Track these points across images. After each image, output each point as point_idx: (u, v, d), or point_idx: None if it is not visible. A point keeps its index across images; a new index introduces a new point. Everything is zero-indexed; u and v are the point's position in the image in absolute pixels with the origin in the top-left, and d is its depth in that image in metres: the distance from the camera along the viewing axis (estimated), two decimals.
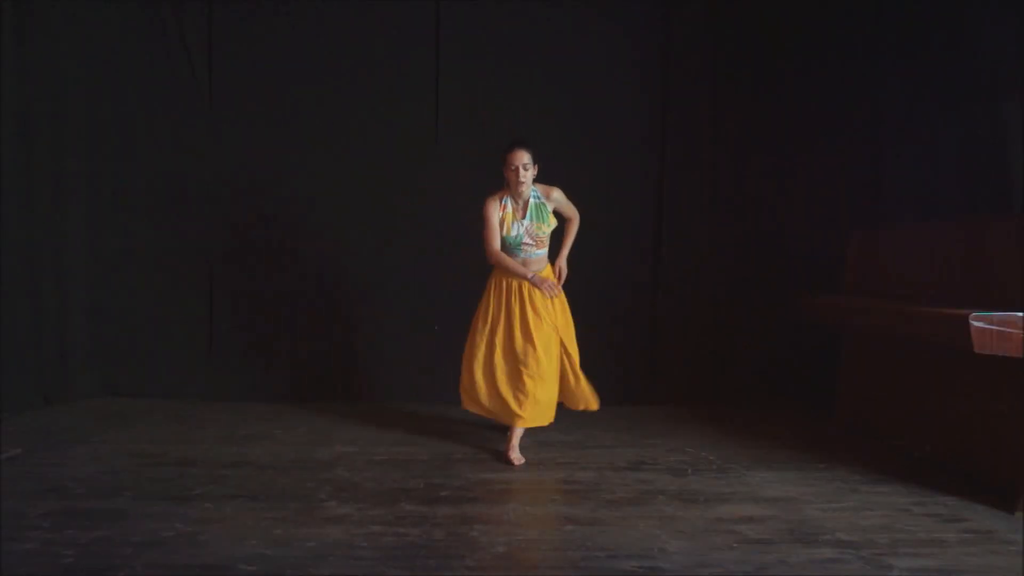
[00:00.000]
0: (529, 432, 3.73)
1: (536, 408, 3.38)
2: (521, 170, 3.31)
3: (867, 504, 2.73)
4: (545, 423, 3.48)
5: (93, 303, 4.52)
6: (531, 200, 3.42)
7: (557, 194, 3.49)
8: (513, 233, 3.40)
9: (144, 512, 2.52)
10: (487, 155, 4.55)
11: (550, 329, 3.44)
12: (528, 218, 3.41)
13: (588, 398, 3.60)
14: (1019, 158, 3.30)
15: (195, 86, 4.50)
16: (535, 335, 3.39)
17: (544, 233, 3.46)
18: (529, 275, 3.42)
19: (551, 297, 3.44)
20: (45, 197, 4.29)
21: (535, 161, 3.38)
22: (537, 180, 3.44)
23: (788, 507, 2.69)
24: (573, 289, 4.51)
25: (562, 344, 3.51)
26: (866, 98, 4.43)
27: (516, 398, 3.37)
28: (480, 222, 3.42)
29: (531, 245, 3.43)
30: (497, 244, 3.41)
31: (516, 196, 3.41)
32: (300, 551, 2.22)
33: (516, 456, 3.28)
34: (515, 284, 3.46)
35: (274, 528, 2.40)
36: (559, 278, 3.60)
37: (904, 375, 3.47)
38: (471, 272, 4.58)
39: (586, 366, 4.55)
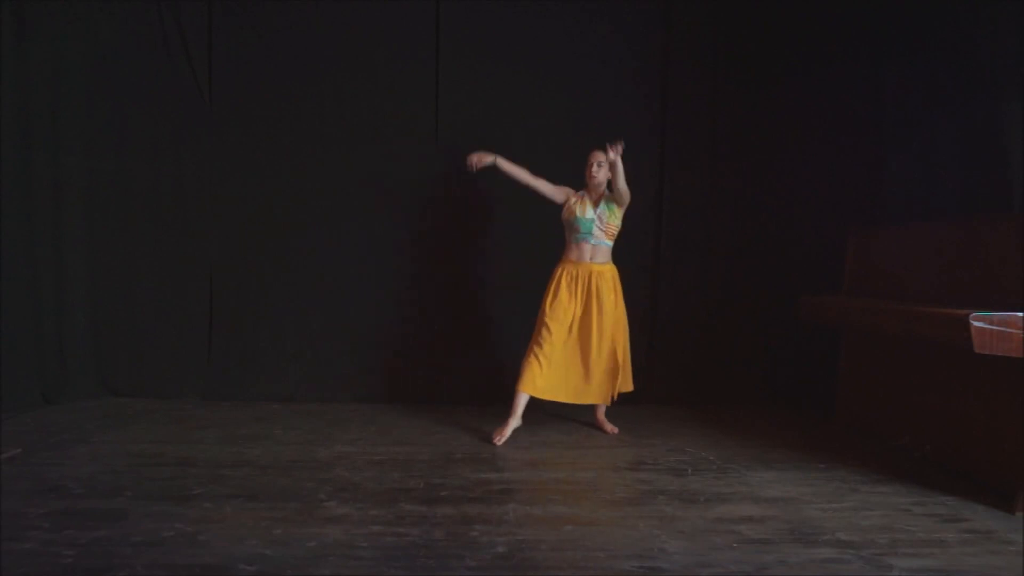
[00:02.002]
0: (530, 432, 3.75)
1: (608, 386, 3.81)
2: (595, 167, 3.76)
3: (867, 504, 2.74)
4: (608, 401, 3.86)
5: (93, 303, 4.51)
6: (604, 197, 3.79)
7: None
8: (587, 216, 3.75)
9: (144, 512, 2.52)
10: None
11: (609, 320, 3.75)
12: (601, 208, 3.76)
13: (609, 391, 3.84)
14: (1019, 158, 3.30)
15: (195, 86, 4.50)
16: (603, 325, 3.73)
17: (613, 222, 3.76)
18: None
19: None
20: (45, 197, 4.29)
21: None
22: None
23: (788, 507, 2.69)
24: None
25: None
26: (866, 98, 4.43)
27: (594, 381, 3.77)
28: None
29: (602, 232, 3.75)
30: (548, 183, 3.85)
31: (590, 190, 3.81)
32: (300, 551, 2.22)
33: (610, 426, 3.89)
34: (583, 274, 3.75)
35: (274, 528, 2.40)
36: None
37: (904, 375, 3.47)
38: (471, 271, 4.60)
39: None
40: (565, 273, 3.77)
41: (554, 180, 3.91)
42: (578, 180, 4.33)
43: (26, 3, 4.11)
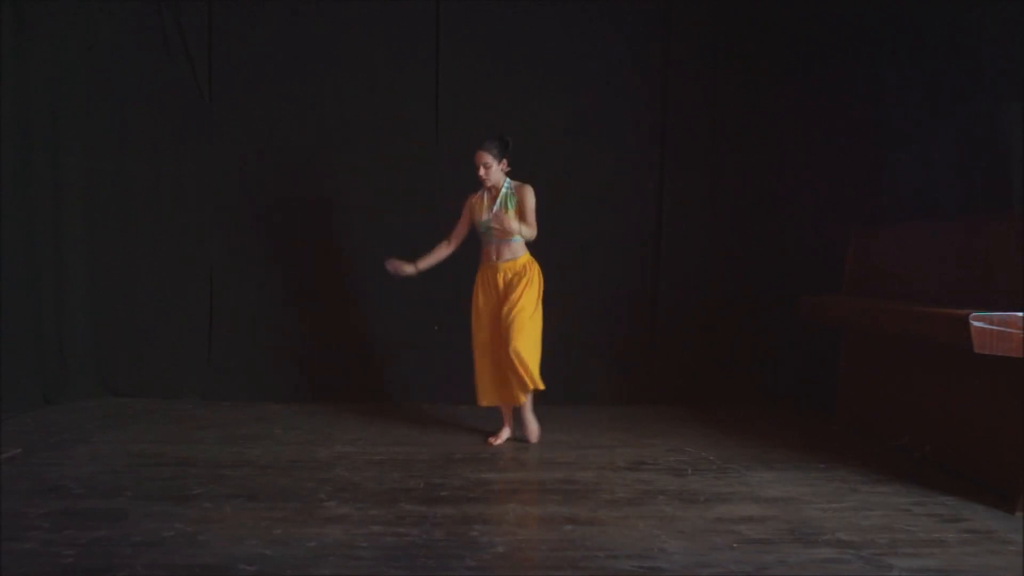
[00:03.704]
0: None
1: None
2: (482, 170, 3.58)
3: (867, 504, 2.73)
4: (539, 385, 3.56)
5: (93, 303, 4.52)
6: (503, 190, 3.62)
7: (526, 192, 3.60)
8: (484, 218, 3.61)
9: (144, 512, 2.52)
10: None
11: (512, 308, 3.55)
12: (497, 205, 3.59)
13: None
14: (1019, 158, 3.30)
15: (195, 85, 4.50)
16: (505, 315, 3.56)
17: (512, 219, 3.55)
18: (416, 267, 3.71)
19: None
20: (45, 197, 4.29)
21: (501, 157, 3.59)
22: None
23: (788, 507, 2.69)
24: (573, 288, 4.53)
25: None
26: (866, 98, 4.43)
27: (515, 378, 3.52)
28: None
29: (500, 231, 3.57)
30: (456, 233, 3.76)
31: (488, 189, 3.65)
32: (300, 551, 2.22)
33: (534, 428, 3.63)
34: (492, 276, 3.64)
35: (274, 528, 2.40)
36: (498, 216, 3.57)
37: (904, 375, 3.47)
38: (472, 272, 4.60)
39: (586, 365, 4.57)
40: (480, 277, 3.69)
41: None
42: (575, 181, 4.35)
43: (26, 3, 4.11)
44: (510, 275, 3.60)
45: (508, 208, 3.57)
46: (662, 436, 3.77)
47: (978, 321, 2.58)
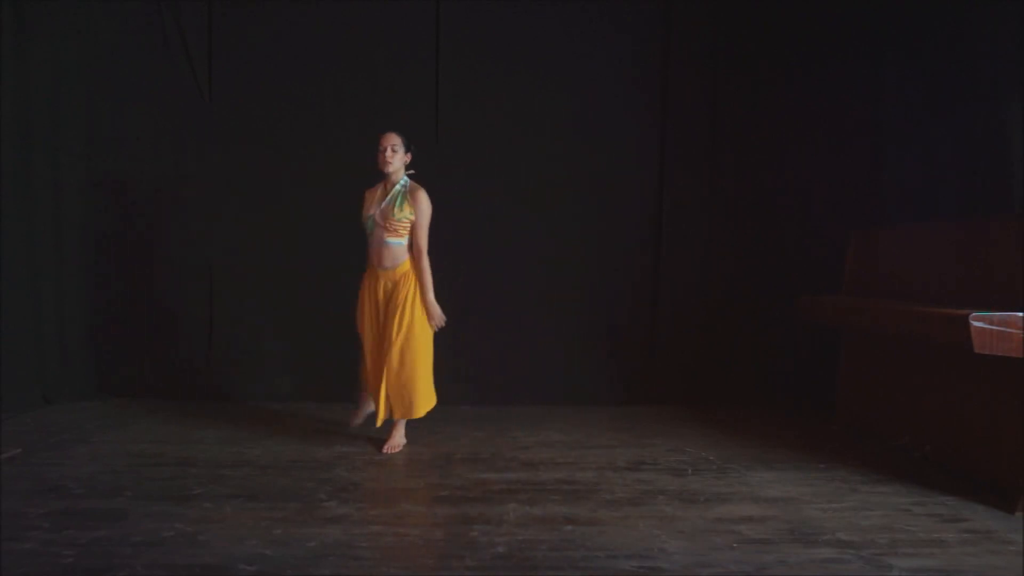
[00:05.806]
0: (530, 431, 3.75)
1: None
2: (389, 151, 3.41)
3: (867, 504, 2.74)
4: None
5: (93, 303, 4.52)
6: (398, 187, 3.45)
7: (420, 195, 3.44)
8: (371, 212, 3.45)
9: (144, 512, 2.52)
10: (487, 155, 4.57)
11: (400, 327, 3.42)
12: (387, 201, 3.41)
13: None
14: (1019, 158, 3.30)
15: (195, 86, 4.50)
16: (395, 334, 3.40)
17: (397, 219, 3.38)
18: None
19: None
20: (45, 197, 4.29)
21: (408, 150, 3.48)
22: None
23: (788, 507, 2.69)
24: (573, 288, 4.53)
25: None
26: (866, 98, 4.43)
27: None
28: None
29: (383, 229, 3.39)
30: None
31: (385, 179, 3.48)
32: (300, 551, 2.22)
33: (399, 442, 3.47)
34: (374, 284, 3.46)
35: (274, 528, 2.40)
36: (429, 317, 3.44)
37: (904, 375, 3.47)
38: (474, 272, 4.60)
39: (586, 365, 4.55)
40: (365, 279, 3.52)
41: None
42: (574, 182, 4.33)
43: (26, 3, 4.11)
44: (390, 286, 3.43)
45: (397, 207, 3.38)
46: (662, 436, 3.77)
47: (978, 321, 2.58)
